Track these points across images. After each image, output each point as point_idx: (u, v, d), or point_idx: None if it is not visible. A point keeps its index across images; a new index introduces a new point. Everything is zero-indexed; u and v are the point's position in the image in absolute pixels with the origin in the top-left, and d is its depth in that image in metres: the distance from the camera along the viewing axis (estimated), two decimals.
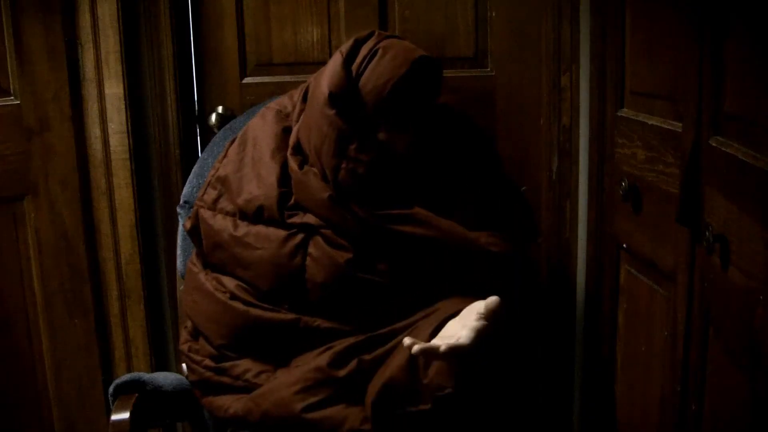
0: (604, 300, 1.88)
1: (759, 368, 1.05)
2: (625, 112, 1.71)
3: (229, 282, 1.53)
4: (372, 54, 1.47)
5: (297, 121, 1.59)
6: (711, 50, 1.24)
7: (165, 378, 1.55)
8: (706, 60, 1.26)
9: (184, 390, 1.55)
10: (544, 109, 2.02)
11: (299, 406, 1.41)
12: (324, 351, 1.46)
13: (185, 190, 1.79)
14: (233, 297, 1.51)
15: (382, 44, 1.48)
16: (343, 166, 1.46)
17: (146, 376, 1.52)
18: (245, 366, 1.49)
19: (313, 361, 1.46)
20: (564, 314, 2.07)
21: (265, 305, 1.49)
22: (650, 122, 1.54)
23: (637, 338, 1.68)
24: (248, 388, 1.47)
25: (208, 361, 1.52)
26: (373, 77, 1.46)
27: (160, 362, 2.10)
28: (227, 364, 1.50)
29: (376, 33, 1.52)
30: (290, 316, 1.48)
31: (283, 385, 1.44)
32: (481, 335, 1.32)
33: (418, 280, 1.51)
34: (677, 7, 1.40)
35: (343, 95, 1.46)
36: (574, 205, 2.03)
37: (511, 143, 2.04)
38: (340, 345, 1.46)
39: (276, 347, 1.50)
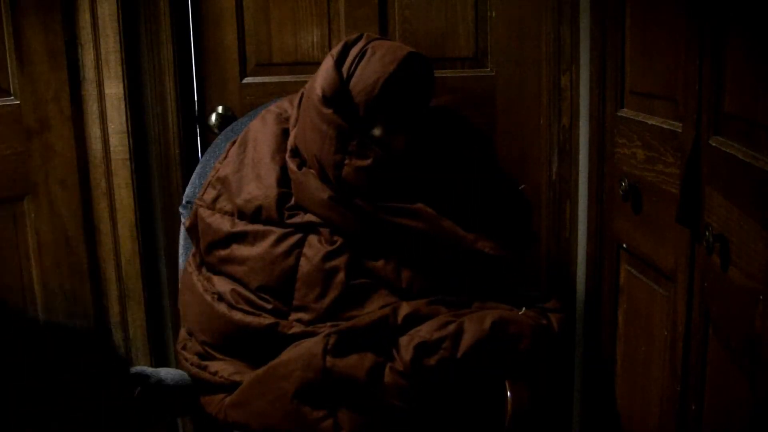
0: (604, 300, 1.88)
1: (759, 368, 1.05)
2: (625, 112, 1.71)
3: (220, 283, 1.54)
4: (361, 54, 1.49)
5: (294, 127, 1.60)
6: (711, 50, 1.24)
7: (167, 373, 1.55)
8: (706, 60, 1.26)
9: (185, 385, 1.55)
10: (544, 109, 2.02)
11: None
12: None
13: (187, 190, 1.79)
14: (220, 299, 1.52)
15: (370, 45, 1.50)
16: (347, 162, 1.47)
17: (149, 369, 1.52)
18: (221, 365, 1.51)
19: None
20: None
21: (248, 308, 1.50)
22: (650, 122, 1.54)
23: (637, 338, 1.68)
24: (225, 384, 1.49)
25: (194, 358, 1.54)
26: (363, 77, 1.47)
27: (160, 362, 2.10)
28: (206, 362, 1.52)
29: (365, 35, 1.53)
30: (269, 320, 1.48)
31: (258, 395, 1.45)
32: None
33: (410, 281, 1.52)
34: (677, 7, 1.40)
35: (336, 96, 1.47)
36: (574, 205, 2.03)
37: (511, 143, 2.04)
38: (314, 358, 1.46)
39: (255, 351, 1.50)
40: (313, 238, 1.52)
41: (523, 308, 1.53)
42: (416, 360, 1.41)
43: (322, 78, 1.49)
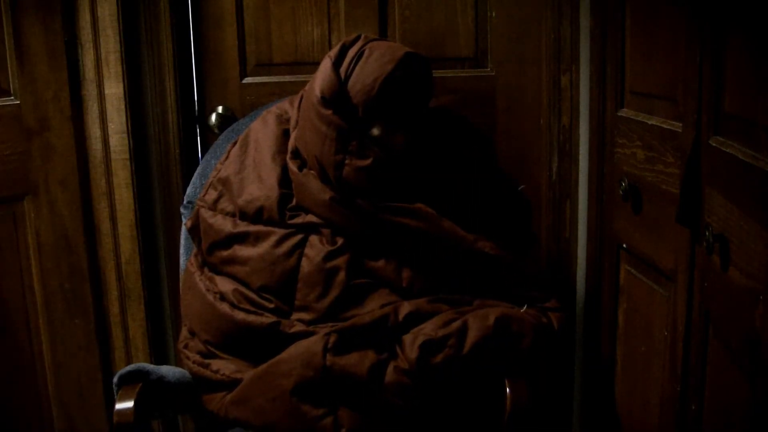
0: (604, 300, 1.88)
1: (759, 368, 1.05)
2: (625, 112, 1.71)
3: (222, 283, 1.55)
4: (359, 55, 1.49)
5: (295, 128, 1.60)
6: (711, 50, 1.24)
7: (168, 370, 1.55)
8: (706, 60, 1.26)
9: (186, 382, 1.55)
10: (544, 109, 2.02)
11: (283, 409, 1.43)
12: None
13: (188, 190, 1.79)
14: (222, 298, 1.53)
15: (368, 46, 1.50)
16: (347, 162, 1.47)
17: (150, 366, 1.52)
18: (223, 364, 1.51)
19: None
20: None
21: (250, 308, 1.50)
22: (650, 122, 1.54)
23: (637, 338, 1.68)
24: (226, 382, 1.49)
25: (196, 357, 1.55)
26: (361, 77, 1.47)
27: (160, 362, 2.10)
28: (208, 361, 1.52)
29: (363, 36, 1.54)
30: (271, 319, 1.48)
31: (258, 392, 1.46)
32: None
33: (411, 281, 1.52)
34: (677, 7, 1.40)
35: (335, 97, 1.47)
36: (574, 205, 2.03)
37: (511, 143, 2.04)
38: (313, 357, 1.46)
39: (257, 349, 1.50)
40: (314, 239, 1.52)
41: (525, 306, 1.53)
42: (422, 358, 1.41)
43: (320, 79, 1.50)
